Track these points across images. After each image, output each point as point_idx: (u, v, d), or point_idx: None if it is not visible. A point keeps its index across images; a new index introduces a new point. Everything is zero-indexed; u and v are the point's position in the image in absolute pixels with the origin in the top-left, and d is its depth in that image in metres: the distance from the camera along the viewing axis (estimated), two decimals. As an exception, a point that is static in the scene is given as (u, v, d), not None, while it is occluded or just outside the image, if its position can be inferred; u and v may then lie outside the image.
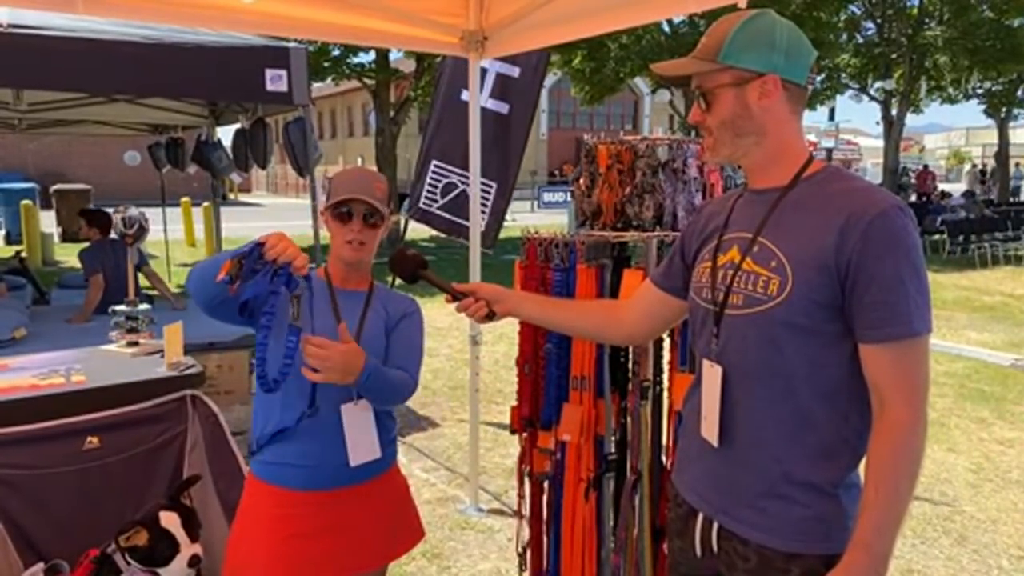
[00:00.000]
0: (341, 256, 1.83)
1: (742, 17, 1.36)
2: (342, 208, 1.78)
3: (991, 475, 4.25)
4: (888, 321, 1.24)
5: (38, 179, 21.62)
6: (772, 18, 1.36)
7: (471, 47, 3.46)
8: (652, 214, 2.42)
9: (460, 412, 5.16)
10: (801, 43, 1.36)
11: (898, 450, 1.24)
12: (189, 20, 3.14)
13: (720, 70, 1.36)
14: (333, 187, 1.81)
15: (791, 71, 1.35)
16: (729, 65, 1.34)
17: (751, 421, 1.38)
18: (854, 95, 21.64)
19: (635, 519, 2.43)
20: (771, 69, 1.33)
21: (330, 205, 1.78)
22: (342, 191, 1.79)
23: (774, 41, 1.33)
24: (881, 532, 1.24)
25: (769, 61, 1.33)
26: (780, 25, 1.35)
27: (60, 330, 4.71)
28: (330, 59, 13.65)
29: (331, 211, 1.79)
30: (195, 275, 1.68)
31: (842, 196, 1.30)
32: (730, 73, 1.35)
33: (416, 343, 1.93)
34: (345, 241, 1.80)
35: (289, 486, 1.77)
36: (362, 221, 1.79)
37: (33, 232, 12.55)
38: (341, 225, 1.79)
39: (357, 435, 1.79)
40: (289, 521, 1.76)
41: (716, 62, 1.35)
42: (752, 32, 1.34)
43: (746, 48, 1.34)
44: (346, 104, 38.18)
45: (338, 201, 1.77)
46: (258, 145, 5.34)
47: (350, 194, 1.77)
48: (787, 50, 1.34)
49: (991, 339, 7.54)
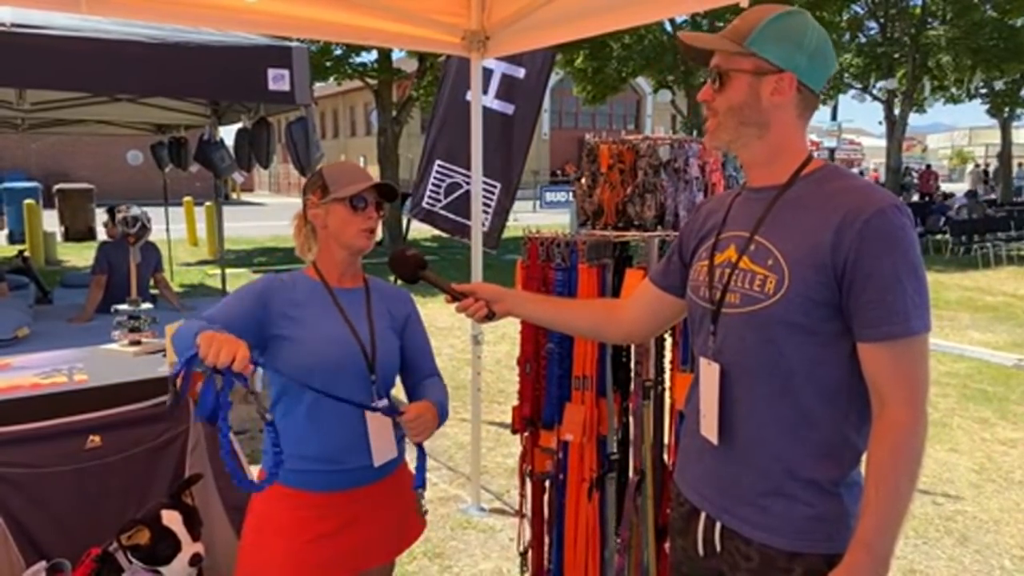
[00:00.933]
0: (354, 245, 1.81)
1: (779, 10, 1.36)
2: (361, 199, 1.78)
3: (993, 475, 4.24)
4: (885, 320, 1.24)
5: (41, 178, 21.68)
6: (807, 20, 1.37)
7: (473, 47, 3.46)
8: (654, 214, 2.41)
9: (462, 411, 5.16)
10: (827, 52, 1.36)
11: (898, 450, 1.24)
12: (192, 20, 3.15)
13: (743, 55, 1.35)
14: (334, 179, 1.80)
15: (810, 75, 1.35)
16: (753, 52, 1.34)
17: (752, 419, 1.38)
18: (857, 95, 21.59)
19: (638, 519, 2.43)
20: (792, 68, 1.33)
21: (346, 196, 1.77)
22: (355, 180, 1.78)
23: (803, 41, 1.33)
24: (882, 532, 1.23)
25: (792, 59, 1.33)
26: (813, 28, 1.35)
27: (63, 329, 4.71)
28: (332, 59, 13.65)
29: (347, 202, 1.77)
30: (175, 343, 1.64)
31: (840, 194, 1.30)
32: (752, 60, 1.35)
33: (428, 342, 2.01)
34: (361, 230, 1.79)
35: (310, 489, 1.76)
36: (375, 208, 1.81)
37: (36, 231, 12.57)
38: (354, 214, 1.78)
39: (379, 437, 1.81)
40: (309, 524, 1.75)
41: (742, 46, 1.35)
42: (784, 27, 1.34)
43: (774, 40, 1.34)
44: (348, 104, 38.19)
45: (358, 192, 1.77)
46: (260, 145, 5.33)
47: (366, 181, 1.78)
48: (812, 54, 1.34)
49: (994, 339, 7.53)
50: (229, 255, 12.29)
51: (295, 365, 1.72)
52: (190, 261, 12.89)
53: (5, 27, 3.38)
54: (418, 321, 1.98)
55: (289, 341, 1.74)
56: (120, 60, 3.70)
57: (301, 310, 1.77)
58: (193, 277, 11.11)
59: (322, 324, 1.76)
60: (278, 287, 1.80)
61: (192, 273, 11.51)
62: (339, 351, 1.76)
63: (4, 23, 3.39)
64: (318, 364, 1.72)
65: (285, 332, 1.74)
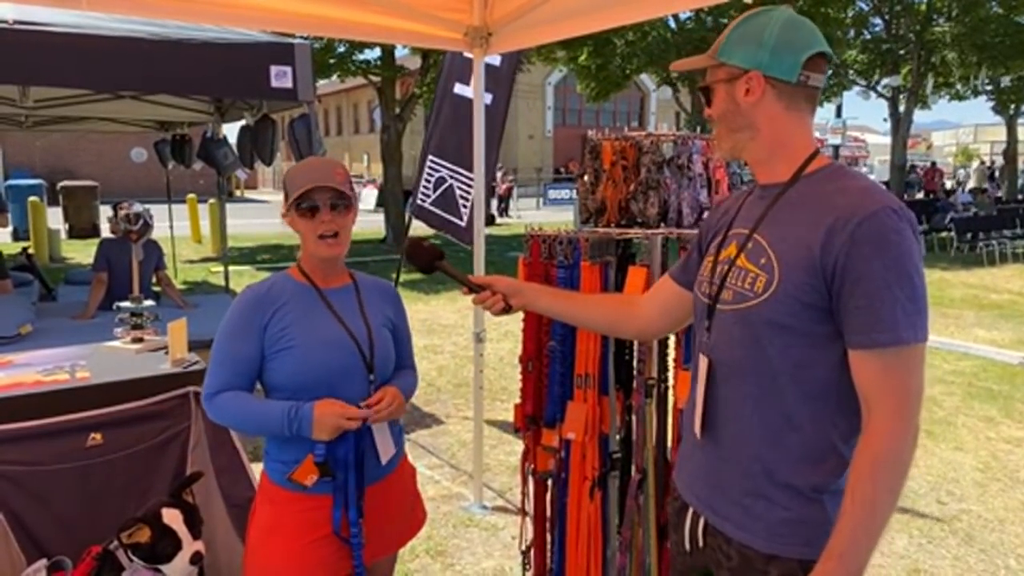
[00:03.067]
0: (317, 254, 1.75)
1: (746, 14, 1.37)
2: (305, 202, 1.70)
3: (999, 474, 4.22)
4: (873, 327, 1.21)
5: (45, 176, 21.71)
6: (769, 15, 1.35)
7: (475, 43, 3.44)
8: (656, 211, 2.40)
9: (464, 409, 5.16)
10: (795, 39, 1.33)
11: (879, 461, 1.21)
12: (194, 16, 3.14)
13: (716, 66, 1.39)
14: (290, 183, 1.73)
15: (775, 68, 1.33)
16: (722, 62, 1.37)
17: (737, 418, 1.37)
18: (861, 92, 21.51)
19: (640, 518, 2.42)
20: (754, 66, 1.34)
21: (293, 201, 1.70)
22: (301, 184, 1.70)
23: (761, 39, 1.33)
24: (855, 543, 1.21)
25: (753, 58, 1.34)
26: (774, 22, 1.34)
27: (66, 326, 4.72)
28: (335, 56, 13.64)
29: (295, 208, 1.70)
30: (228, 422, 1.79)
31: (837, 195, 1.28)
32: (724, 69, 1.38)
33: (410, 335, 2.00)
34: (318, 236, 1.72)
35: (316, 491, 1.74)
36: (330, 210, 1.71)
37: (40, 228, 12.59)
38: (310, 220, 1.71)
39: (381, 436, 1.80)
40: (318, 524, 1.74)
41: (714, 58, 1.38)
42: (745, 29, 1.36)
43: (737, 44, 1.36)
44: (351, 101, 38.19)
45: (300, 195, 1.69)
46: (263, 142, 5.33)
47: (311, 183, 1.69)
48: (773, 47, 1.33)
49: (999, 337, 7.49)
50: (232, 252, 12.31)
51: (294, 373, 1.70)
52: (194, 258, 12.90)
53: (8, 24, 3.38)
54: (403, 313, 1.98)
55: (286, 351, 1.71)
56: (123, 57, 3.70)
57: (292, 318, 1.73)
58: (197, 274, 11.13)
59: (316, 329, 1.73)
60: (264, 304, 1.74)
61: (196, 270, 11.52)
62: (338, 355, 1.74)
63: (7, 20, 3.39)
64: (318, 371, 1.71)
65: (282, 344, 1.71)
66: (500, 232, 16.41)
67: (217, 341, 1.74)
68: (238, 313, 1.74)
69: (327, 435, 1.64)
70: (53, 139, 26.86)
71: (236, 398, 1.70)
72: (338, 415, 1.65)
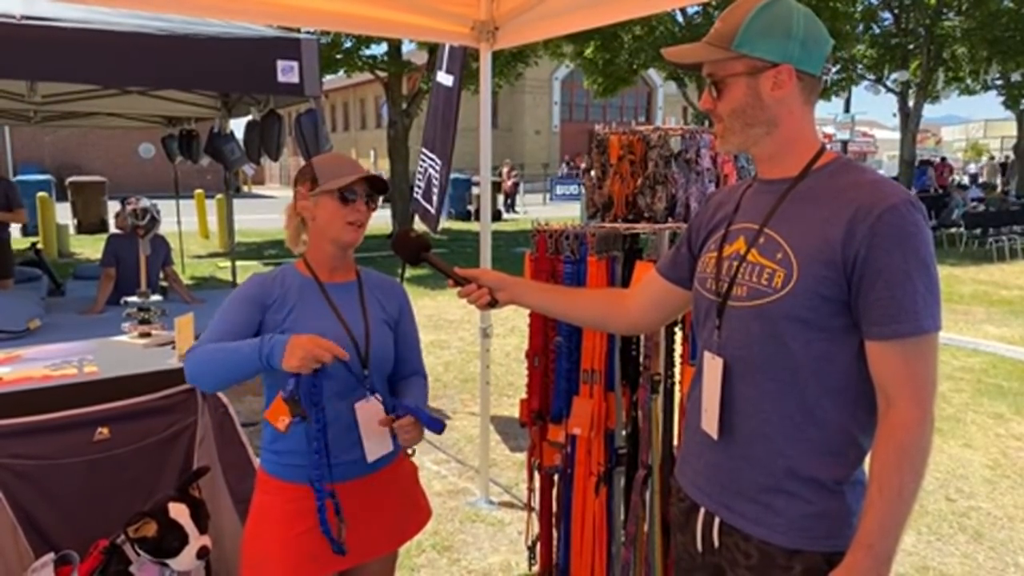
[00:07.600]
0: (340, 239, 1.78)
1: (758, 3, 1.31)
2: (349, 192, 1.75)
3: (1008, 471, 4.20)
4: (895, 318, 1.21)
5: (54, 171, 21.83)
6: (789, 5, 1.32)
7: (482, 37, 3.43)
8: (664, 205, 2.38)
9: (471, 405, 5.16)
10: (819, 32, 1.32)
11: (904, 449, 1.21)
12: (201, 11, 3.14)
13: (733, 58, 1.32)
14: (324, 171, 1.77)
15: (806, 62, 1.31)
16: (743, 54, 1.31)
17: (755, 414, 1.36)
18: (870, 86, 21.38)
19: (645, 514, 2.41)
20: (786, 59, 1.29)
21: (340, 187, 1.74)
22: (344, 172, 1.76)
23: (791, 30, 1.29)
24: (885, 532, 1.21)
25: (785, 51, 1.29)
26: (798, 13, 1.31)
27: (74, 321, 4.74)
28: (342, 51, 13.65)
29: (336, 194, 1.75)
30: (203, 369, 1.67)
31: (852, 189, 1.27)
32: (744, 62, 1.31)
33: (417, 337, 2.00)
34: (347, 223, 1.76)
35: (303, 481, 1.74)
36: (365, 202, 1.78)
37: (49, 224, 12.66)
38: (343, 206, 1.76)
39: (371, 431, 1.78)
40: (305, 515, 1.74)
41: (729, 50, 1.31)
42: (769, 19, 1.30)
43: (762, 36, 1.30)
44: (358, 96, 38.21)
45: (348, 184, 1.74)
46: (270, 137, 5.33)
47: (357, 174, 1.76)
48: (804, 39, 1.30)
49: (1009, 333, 7.45)
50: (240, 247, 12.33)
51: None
52: (201, 254, 12.94)
53: (15, 20, 3.39)
54: (410, 313, 1.96)
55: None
56: (130, 52, 3.70)
57: (291, 308, 1.75)
58: (204, 270, 11.16)
59: (313, 321, 1.73)
60: (268, 287, 1.77)
61: (203, 266, 11.56)
62: None
63: (14, 16, 3.40)
64: None
65: (278, 332, 1.71)
66: (506, 228, 16.39)
67: (215, 317, 1.76)
68: (242, 292, 1.78)
69: (296, 361, 1.55)
70: (61, 135, 26.97)
71: (212, 346, 1.67)
72: (313, 342, 1.57)
